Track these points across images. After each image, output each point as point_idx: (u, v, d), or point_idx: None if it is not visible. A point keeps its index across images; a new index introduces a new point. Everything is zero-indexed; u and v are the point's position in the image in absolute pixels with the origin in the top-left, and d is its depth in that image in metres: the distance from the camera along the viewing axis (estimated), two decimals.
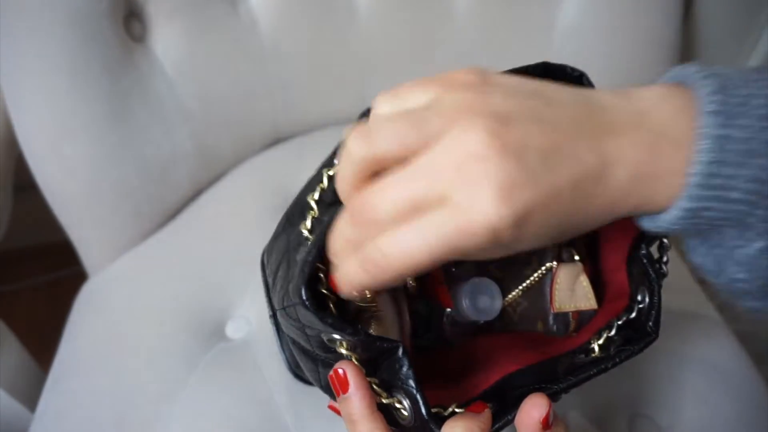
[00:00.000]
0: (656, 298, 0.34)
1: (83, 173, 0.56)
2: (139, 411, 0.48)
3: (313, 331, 0.30)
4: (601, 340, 0.35)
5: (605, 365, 0.32)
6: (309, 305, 0.28)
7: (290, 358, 0.46)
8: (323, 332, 0.29)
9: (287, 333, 0.35)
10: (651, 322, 0.33)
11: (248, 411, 0.47)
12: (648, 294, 0.34)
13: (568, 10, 0.65)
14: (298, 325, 0.31)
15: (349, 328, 0.28)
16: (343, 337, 0.29)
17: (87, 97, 0.54)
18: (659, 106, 0.25)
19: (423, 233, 0.23)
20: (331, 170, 0.33)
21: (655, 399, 0.51)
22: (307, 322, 0.30)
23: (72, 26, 0.52)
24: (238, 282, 0.55)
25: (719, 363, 0.55)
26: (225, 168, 0.66)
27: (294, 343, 0.35)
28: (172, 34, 0.58)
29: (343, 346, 0.29)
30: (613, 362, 0.32)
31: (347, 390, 0.29)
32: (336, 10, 0.63)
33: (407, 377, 0.29)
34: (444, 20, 0.65)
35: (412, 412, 0.29)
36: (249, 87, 0.63)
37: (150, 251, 0.60)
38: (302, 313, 0.29)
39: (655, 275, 0.34)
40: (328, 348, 0.31)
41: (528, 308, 0.40)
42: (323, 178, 0.33)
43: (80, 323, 0.56)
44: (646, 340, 0.33)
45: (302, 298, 0.28)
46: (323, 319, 0.28)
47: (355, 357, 0.30)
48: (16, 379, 0.60)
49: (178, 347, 0.51)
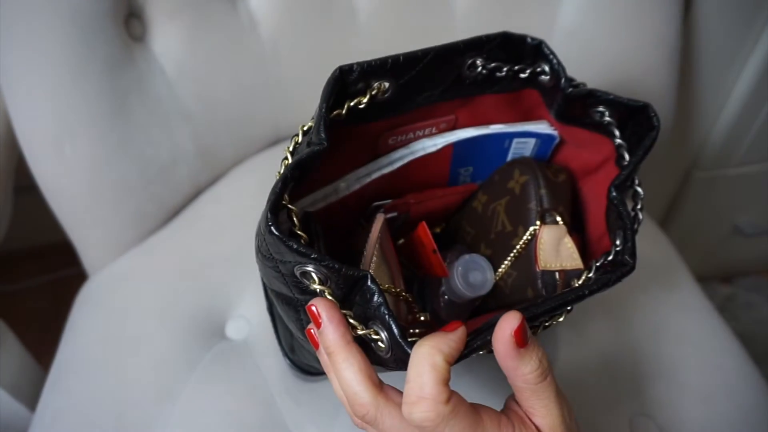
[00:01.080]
0: (629, 232, 0.34)
1: (83, 173, 0.56)
2: (139, 411, 0.48)
3: (285, 267, 0.31)
4: (581, 280, 0.37)
5: (582, 292, 0.33)
6: (273, 230, 0.29)
7: (287, 345, 0.46)
8: (295, 265, 0.30)
9: (270, 287, 0.36)
10: (627, 255, 0.34)
11: (248, 411, 0.47)
12: (623, 234, 0.35)
13: (568, 11, 0.65)
14: (273, 265, 0.32)
15: (313, 253, 0.29)
16: (313, 267, 0.30)
17: (87, 97, 0.54)
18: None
19: None
20: (306, 126, 0.34)
21: (655, 399, 0.51)
22: (277, 254, 0.31)
23: (72, 26, 0.52)
24: (238, 282, 0.55)
25: (719, 363, 0.55)
26: (225, 168, 0.66)
27: (278, 297, 0.36)
28: (172, 34, 0.58)
29: (315, 281, 0.30)
30: (590, 289, 0.33)
31: (320, 324, 0.30)
32: (336, 10, 0.63)
33: (378, 305, 0.30)
34: (444, 20, 0.65)
35: (388, 341, 0.29)
36: (249, 87, 0.63)
37: (150, 251, 0.60)
38: (271, 243, 0.30)
39: (629, 221, 0.35)
40: (304, 288, 0.32)
41: (518, 277, 0.41)
42: (299, 132, 0.34)
43: (80, 323, 0.56)
44: (623, 270, 0.34)
45: (268, 223, 0.29)
46: (287, 243, 0.29)
47: (328, 292, 0.31)
48: (16, 379, 0.60)
49: (178, 347, 0.51)
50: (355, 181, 0.40)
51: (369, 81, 0.34)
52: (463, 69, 0.37)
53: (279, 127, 0.67)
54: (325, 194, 0.40)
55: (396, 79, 0.35)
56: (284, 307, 0.36)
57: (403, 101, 0.37)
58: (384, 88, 0.35)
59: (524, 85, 0.40)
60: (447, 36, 0.66)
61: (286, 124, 0.67)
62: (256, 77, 0.63)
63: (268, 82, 0.64)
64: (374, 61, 0.33)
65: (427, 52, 0.34)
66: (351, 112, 0.34)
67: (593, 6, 0.65)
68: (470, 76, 0.37)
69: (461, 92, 0.39)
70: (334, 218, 0.40)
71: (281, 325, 0.45)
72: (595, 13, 0.65)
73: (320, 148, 0.31)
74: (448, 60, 0.36)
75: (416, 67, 0.35)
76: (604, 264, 0.36)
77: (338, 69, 0.33)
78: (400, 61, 0.34)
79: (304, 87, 0.65)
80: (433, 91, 0.37)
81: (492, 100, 0.41)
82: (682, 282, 0.61)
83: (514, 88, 0.40)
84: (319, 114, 0.32)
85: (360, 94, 0.34)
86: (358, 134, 0.37)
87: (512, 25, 0.36)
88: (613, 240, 0.36)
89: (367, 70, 0.33)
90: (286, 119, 0.67)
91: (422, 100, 0.38)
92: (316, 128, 0.32)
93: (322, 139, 0.31)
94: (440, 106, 0.39)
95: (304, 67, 0.64)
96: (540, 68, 0.38)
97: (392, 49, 0.35)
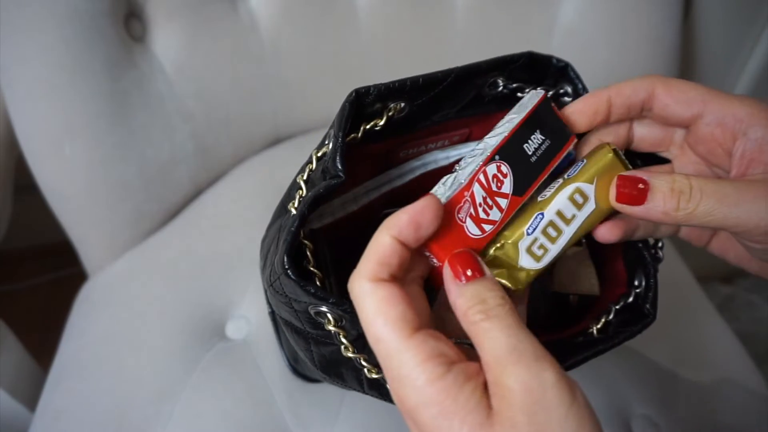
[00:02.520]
0: (652, 281, 0.34)
1: (83, 173, 0.56)
2: (139, 411, 0.48)
3: (300, 305, 0.30)
4: (600, 324, 0.35)
5: (604, 346, 0.32)
6: (291, 273, 0.28)
7: (290, 354, 0.46)
8: (309, 305, 0.30)
9: (279, 314, 0.36)
10: (648, 305, 0.34)
11: (248, 411, 0.47)
12: (644, 277, 0.34)
13: (568, 10, 0.65)
14: (285, 300, 0.31)
15: (331, 298, 0.28)
16: (328, 309, 0.29)
17: (87, 97, 0.54)
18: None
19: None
20: (319, 151, 0.33)
21: (655, 399, 0.51)
22: (292, 294, 0.30)
23: (72, 26, 0.52)
24: (238, 282, 0.55)
25: (719, 363, 0.55)
26: (225, 168, 0.66)
27: (287, 324, 0.35)
28: (172, 34, 0.58)
29: (330, 323, 0.29)
30: (612, 343, 0.32)
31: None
32: (336, 10, 0.63)
33: None
34: (444, 20, 0.65)
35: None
36: (249, 87, 0.63)
37: (150, 251, 0.60)
38: (286, 284, 0.29)
39: (650, 258, 0.34)
40: (317, 323, 0.31)
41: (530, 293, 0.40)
42: (312, 159, 0.33)
43: (80, 323, 0.56)
44: (644, 322, 0.33)
45: (284, 266, 0.29)
46: (305, 288, 0.28)
47: (343, 334, 0.30)
48: (16, 379, 0.60)
49: (178, 347, 0.51)
50: (364, 194, 0.39)
51: (386, 103, 0.33)
52: (483, 88, 0.36)
53: (279, 127, 0.67)
54: (333, 209, 0.39)
55: (413, 101, 0.33)
56: (293, 336, 0.35)
57: (418, 120, 0.35)
58: (400, 107, 0.33)
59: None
60: (447, 35, 0.66)
61: (286, 124, 0.67)
62: (256, 77, 0.63)
63: (268, 82, 0.64)
64: (392, 84, 0.32)
65: (448, 74, 0.33)
66: (365, 134, 0.33)
67: (593, 6, 0.65)
68: (490, 95, 0.36)
69: (479, 110, 0.37)
70: (341, 230, 0.39)
71: (284, 337, 0.45)
72: (595, 13, 0.65)
73: (337, 182, 0.30)
74: (469, 81, 0.34)
75: (436, 89, 0.33)
76: (624, 306, 0.35)
77: (354, 92, 0.32)
78: (419, 84, 0.32)
79: (304, 87, 0.65)
80: (450, 109, 0.36)
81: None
82: (682, 282, 0.61)
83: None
84: (335, 143, 0.30)
85: (376, 116, 0.33)
86: (369, 150, 0.36)
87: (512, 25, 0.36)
88: (632, 280, 0.35)
89: (384, 93, 0.32)
90: (286, 119, 0.67)
91: (438, 118, 0.36)
92: (332, 158, 0.30)
93: (339, 171, 0.30)
94: (455, 121, 0.38)
95: (304, 67, 0.64)
96: (563, 90, 0.36)
97: (392, 48, 0.35)
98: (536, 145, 0.31)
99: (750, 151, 0.29)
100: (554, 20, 0.66)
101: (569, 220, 0.30)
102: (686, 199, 0.28)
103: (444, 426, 0.23)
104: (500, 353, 0.24)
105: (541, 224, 0.30)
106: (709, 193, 0.27)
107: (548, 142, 0.31)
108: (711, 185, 0.28)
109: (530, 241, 0.30)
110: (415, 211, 0.26)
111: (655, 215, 0.29)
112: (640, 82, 0.31)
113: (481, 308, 0.25)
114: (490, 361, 0.24)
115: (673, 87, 0.30)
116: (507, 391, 0.23)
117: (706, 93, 0.30)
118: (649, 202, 0.29)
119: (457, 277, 0.26)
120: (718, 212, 0.27)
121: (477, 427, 0.23)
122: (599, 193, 0.31)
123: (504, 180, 0.29)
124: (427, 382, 0.24)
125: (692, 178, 0.28)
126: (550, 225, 0.30)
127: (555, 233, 0.30)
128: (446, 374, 0.24)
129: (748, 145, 0.29)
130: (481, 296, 0.25)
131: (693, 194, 0.28)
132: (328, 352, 0.34)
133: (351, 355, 0.31)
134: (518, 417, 0.23)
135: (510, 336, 0.24)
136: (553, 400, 0.23)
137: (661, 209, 0.28)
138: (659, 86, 0.31)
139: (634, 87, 0.31)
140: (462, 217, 0.28)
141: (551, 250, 0.30)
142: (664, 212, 0.28)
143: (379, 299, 0.25)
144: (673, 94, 0.30)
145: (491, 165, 0.29)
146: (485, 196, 0.29)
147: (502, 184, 0.29)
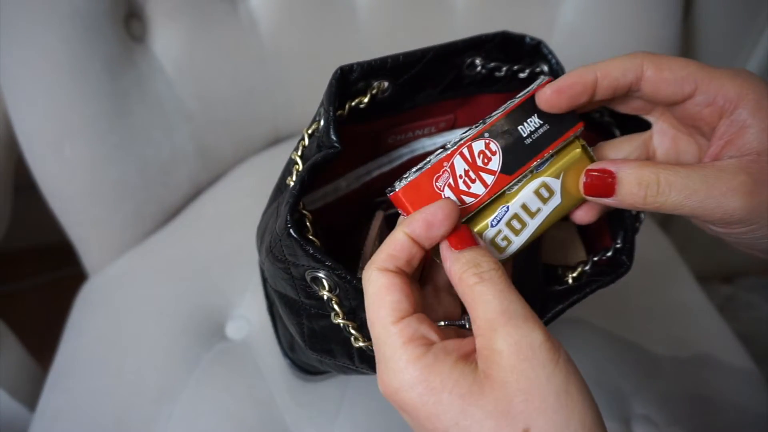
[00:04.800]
0: (629, 233, 0.35)
1: (83, 173, 0.56)
2: (139, 411, 0.48)
3: (297, 270, 0.31)
4: (576, 273, 0.36)
5: (577, 295, 0.33)
6: (293, 232, 0.29)
7: (286, 344, 0.46)
8: (307, 269, 0.31)
9: (275, 287, 0.36)
10: (624, 256, 0.34)
11: (248, 411, 0.47)
12: (623, 234, 0.35)
13: (568, 10, 0.66)
14: (284, 267, 0.32)
15: (328, 260, 0.29)
16: (324, 273, 0.30)
17: (87, 97, 0.54)
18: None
19: None
20: (310, 128, 0.34)
21: (655, 399, 0.51)
22: (292, 257, 0.31)
23: (72, 26, 0.52)
24: (238, 282, 0.55)
25: (719, 363, 0.55)
26: (225, 168, 0.66)
27: (281, 298, 0.36)
28: (172, 34, 0.58)
29: (325, 288, 0.31)
30: (584, 291, 0.33)
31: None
32: (336, 10, 0.63)
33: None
34: (444, 20, 0.65)
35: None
36: (249, 87, 0.63)
37: (150, 251, 0.60)
38: (287, 246, 0.31)
39: (630, 220, 0.35)
40: (312, 293, 0.32)
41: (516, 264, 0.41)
42: (304, 136, 0.34)
43: (80, 323, 0.56)
44: (618, 271, 0.34)
45: (287, 225, 0.30)
46: (305, 247, 0.29)
47: (335, 301, 0.31)
48: (16, 379, 0.60)
49: (178, 347, 0.51)
50: (355, 179, 0.41)
51: (369, 81, 0.34)
52: (462, 68, 0.37)
53: (279, 126, 0.67)
54: (324, 193, 0.40)
55: (396, 79, 0.35)
56: (286, 309, 0.36)
57: (402, 100, 0.37)
58: (384, 87, 0.35)
59: (523, 85, 0.40)
60: (447, 35, 0.66)
61: (286, 124, 0.67)
62: (256, 77, 0.63)
63: (268, 82, 0.64)
64: (374, 61, 0.33)
65: (426, 52, 0.35)
66: (352, 112, 0.34)
67: (593, 6, 0.65)
68: (469, 76, 0.38)
69: (460, 92, 0.39)
70: (332, 217, 0.40)
71: (281, 324, 0.45)
72: (595, 13, 0.65)
73: (334, 151, 0.31)
74: (447, 59, 0.36)
75: (416, 67, 0.35)
76: (601, 260, 0.36)
77: (339, 69, 0.33)
78: (399, 61, 0.34)
79: (304, 87, 0.65)
80: (433, 90, 0.38)
81: (491, 100, 0.41)
82: (682, 282, 0.61)
83: (513, 88, 0.40)
84: (327, 117, 0.32)
85: (360, 94, 0.35)
86: (358, 133, 0.37)
87: (512, 25, 0.36)
88: (614, 238, 0.36)
89: (367, 69, 0.34)
90: (286, 119, 0.67)
91: (422, 99, 0.38)
92: (326, 131, 0.32)
93: (334, 142, 0.31)
94: (440, 105, 0.39)
95: (304, 67, 0.64)
96: (539, 68, 0.38)
97: (392, 48, 0.35)
98: (533, 128, 0.32)
99: (729, 134, 0.29)
100: (554, 20, 0.66)
101: (534, 213, 0.32)
102: (654, 192, 0.28)
103: (431, 402, 0.24)
104: (492, 315, 0.25)
105: (505, 217, 0.31)
106: (678, 188, 0.28)
107: (546, 126, 0.32)
108: (680, 180, 0.28)
109: (494, 233, 0.31)
110: (428, 212, 0.27)
111: (626, 206, 0.30)
112: (630, 63, 0.30)
113: (476, 271, 0.26)
114: (482, 325, 0.25)
115: (664, 67, 0.30)
116: (497, 355, 0.24)
117: (697, 71, 0.29)
118: (617, 194, 0.29)
119: (453, 246, 0.28)
120: (686, 206, 0.28)
121: (467, 395, 0.24)
122: (566, 187, 0.32)
123: (492, 157, 0.30)
124: (408, 362, 0.25)
125: (660, 170, 0.28)
126: (514, 218, 0.31)
127: (519, 226, 0.31)
128: (426, 353, 0.25)
129: (731, 126, 0.29)
130: (476, 261, 0.27)
131: (661, 189, 0.28)
132: (319, 326, 0.35)
133: (340, 321, 0.32)
134: (508, 377, 0.24)
135: (502, 300, 0.25)
136: (541, 359, 0.24)
137: (629, 201, 0.29)
138: (649, 67, 0.30)
139: (623, 69, 0.30)
140: (440, 186, 0.29)
141: (515, 242, 0.31)
142: (632, 204, 0.29)
143: (380, 286, 0.27)
144: (664, 76, 0.30)
145: (479, 141, 0.30)
146: (467, 169, 0.30)
147: (489, 161, 0.30)
